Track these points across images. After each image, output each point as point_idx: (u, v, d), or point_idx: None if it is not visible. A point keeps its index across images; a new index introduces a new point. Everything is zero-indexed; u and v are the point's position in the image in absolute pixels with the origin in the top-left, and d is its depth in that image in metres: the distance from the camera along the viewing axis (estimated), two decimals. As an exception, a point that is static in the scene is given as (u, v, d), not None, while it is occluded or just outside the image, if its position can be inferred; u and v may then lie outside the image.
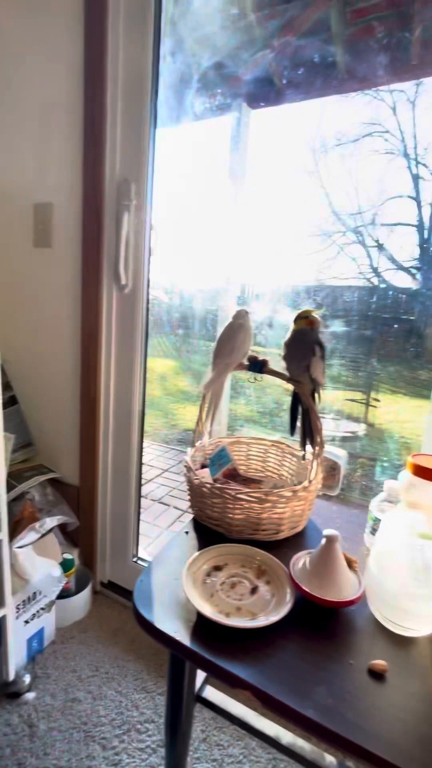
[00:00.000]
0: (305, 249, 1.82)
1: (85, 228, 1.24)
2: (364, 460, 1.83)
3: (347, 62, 1.43)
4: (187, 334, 2.06)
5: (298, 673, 0.52)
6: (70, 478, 1.46)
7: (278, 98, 1.57)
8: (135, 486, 1.38)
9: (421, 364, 1.55)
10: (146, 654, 1.25)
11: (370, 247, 1.72)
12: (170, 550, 0.76)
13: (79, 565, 1.44)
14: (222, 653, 0.54)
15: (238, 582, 0.67)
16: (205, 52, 1.44)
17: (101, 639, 1.30)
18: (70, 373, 1.37)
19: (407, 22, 1.28)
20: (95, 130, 1.16)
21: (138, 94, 1.12)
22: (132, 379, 1.29)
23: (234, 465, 1.01)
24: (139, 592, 0.65)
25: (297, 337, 0.80)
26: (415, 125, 1.55)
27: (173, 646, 0.56)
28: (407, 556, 0.55)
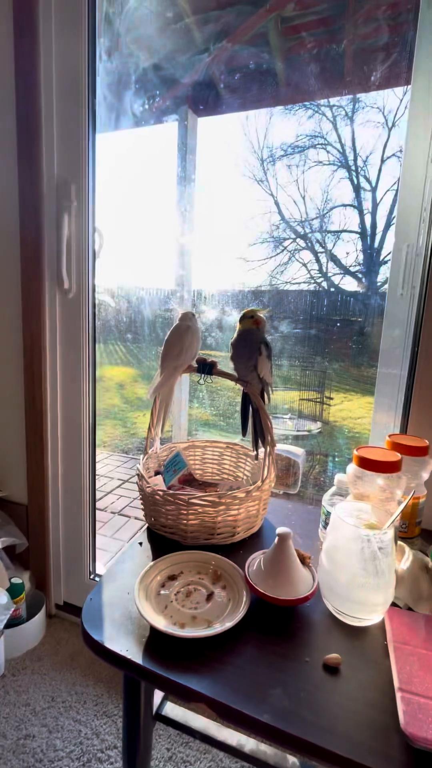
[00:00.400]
0: (257, 254, 1.86)
1: (23, 229, 1.17)
2: (321, 457, 1.88)
3: (286, 74, 1.48)
4: (141, 339, 2.02)
5: (255, 677, 0.51)
6: (17, 496, 1.37)
7: (222, 106, 1.59)
8: (89, 500, 1.32)
9: (366, 361, 1.63)
10: (106, 676, 1.19)
11: (319, 253, 1.79)
12: (123, 563, 0.73)
13: (31, 588, 1.35)
14: (176, 667, 0.52)
15: (193, 590, 0.65)
16: (142, 53, 1.43)
17: (58, 666, 1.22)
18: (12, 383, 1.29)
19: (338, 40, 1.35)
20: (30, 129, 1.11)
21: (74, 93, 1.08)
22: (80, 388, 1.23)
23: (189, 470, 0.99)
24: (89, 611, 0.61)
25: (243, 336, 0.80)
26: (354, 139, 1.64)
27: (124, 666, 0.53)
28: (355, 547, 0.56)
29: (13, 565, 1.34)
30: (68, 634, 1.33)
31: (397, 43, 1.21)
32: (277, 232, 1.85)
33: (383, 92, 1.48)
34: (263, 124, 1.73)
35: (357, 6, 1.25)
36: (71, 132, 1.10)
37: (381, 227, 1.70)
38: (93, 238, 1.17)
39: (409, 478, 0.74)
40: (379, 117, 1.56)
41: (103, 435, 3.29)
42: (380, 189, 1.67)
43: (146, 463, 0.92)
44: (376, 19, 1.23)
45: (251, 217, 1.84)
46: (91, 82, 1.08)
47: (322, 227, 1.78)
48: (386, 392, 0.99)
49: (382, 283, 1.61)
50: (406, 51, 1.16)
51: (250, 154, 1.78)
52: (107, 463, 2.83)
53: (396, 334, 0.96)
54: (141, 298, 1.87)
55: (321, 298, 1.76)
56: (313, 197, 1.75)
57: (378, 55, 1.26)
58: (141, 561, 0.74)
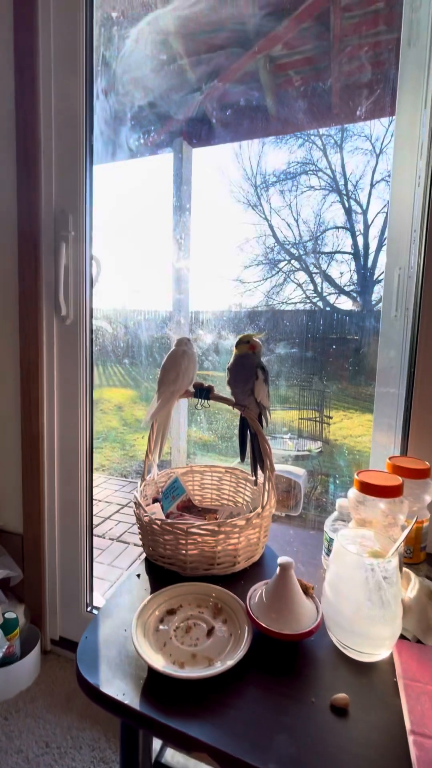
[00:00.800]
0: (253, 276, 1.89)
1: (21, 259, 1.19)
2: (323, 477, 1.86)
3: (276, 108, 1.55)
4: (139, 363, 2.02)
5: (259, 721, 0.48)
6: (12, 525, 1.34)
7: (216, 138, 1.66)
8: (86, 528, 1.28)
9: (363, 380, 1.63)
10: (104, 718, 1.13)
11: (314, 273, 1.82)
12: (119, 597, 0.70)
13: (25, 623, 1.29)
14: (176, 712, 0.49)
15: (193, 625, 0.62)
16: (137, 92, 1.50)
17: (53, 707, 1.16)
18: (9, 409, 1.28)
19: (325, 77, 1.42)
20: (28, 163, 1.14)
21: (72, 129, 1.12)
22: (77, 413, 1.22)
23: (188, 496, 0.98)
24: (84, 651, 0.59)
25: (239, 361, 0.80)
26: (344, 165, 1.70)
27: (120, 712, 0.50)
28: (359, 577, 0.54)
29: (7, 599, 1.29)
30: (64, 672, 1.27)
31: (380, 79, 1.27)
32: (272, 254, 1.89)
33: (370, 122, 1.54)
34: (256, 152, 1.80)
35: (341, 46, 1.32)
36: (69, 165, 1.14)
37: (373, 248, 1.74)
38: (90, 265, 1.19)
39: (411, 502, 0.73)
40: (367, 145, 1.62)
41: (102, 458, 3.25)
42: (371, 211, 1.72)
43: (144, 490, 0.90)
44: (359, 57, 1.30)
45: (246, 241, 1.89)
46: (88, 119, 1.13)
47: (316, 249, 1.82)
48: (385, 412, 0.98)
49: (377, 302, 1.64)
50: (389, 85, 1.22)
51: (244, 180, 1.84)
52: (105, 488, 2.79)
53: (392, 354, 0.96)
54: (138, 322, 1.88)
55: (317, 318, 1.78)
56: (306, 220, 1.80)
57: (363, 90, 1.32)
58: (139, 594, 0.71)
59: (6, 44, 1.13)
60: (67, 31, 1.09)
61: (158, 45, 1.39)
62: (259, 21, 1.29)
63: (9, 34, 1.12)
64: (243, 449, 0.87)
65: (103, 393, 3.15)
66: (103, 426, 3.40)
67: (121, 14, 1.32)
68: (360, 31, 1.26)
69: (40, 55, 1.11)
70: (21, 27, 1.11)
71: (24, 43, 1.11)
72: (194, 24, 1.31)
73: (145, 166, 1.80)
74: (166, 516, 0.90)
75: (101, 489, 2.75)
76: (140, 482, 0.90)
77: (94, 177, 1.16)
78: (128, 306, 1.93)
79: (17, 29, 1.11)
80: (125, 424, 3.59)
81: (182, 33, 1.35)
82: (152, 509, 0.87)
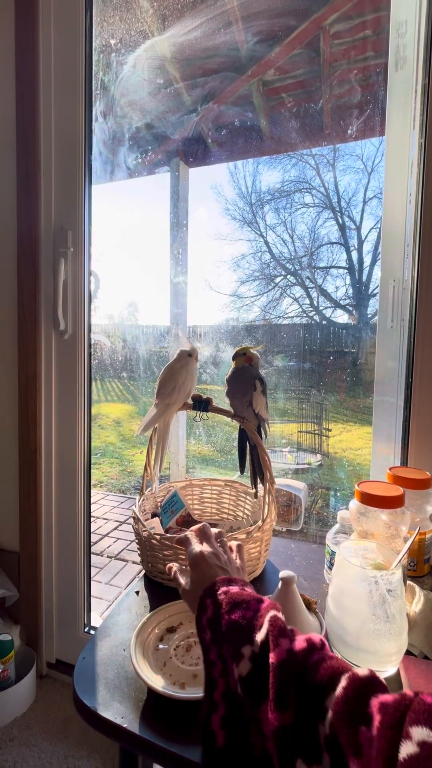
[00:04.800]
0: (249, 291, 1.92)
1: (20, 274, 1.21)
2: (323, 491, 1.84)
3: (270, 129, 1.60)
4: (137, 377, 2.03)
5: (263, 744, 0.46)
6: (8, 543, 1.31)
7: (211, 158, 1.71)
8: (84, 546, 1.26)
9: (361, 392, 1.63)
10: (102, 745, 1.08)
11: (310, 288, 1.85)
12: (117, 615, 0.69)
13: (21, 645, 1.26)
14: (177, 737, 0.47)
15: (194, 643, 0.61)
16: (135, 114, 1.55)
17: (48, 735, 1.11)
18: (6, 424, 1.27)
19: (316, 99, 1.48)
20: (29, 182, 1.17)
21: (71, 149, 1.15)
22: (75, 428, 1.22)
23: (187, 510, 0.96)
24: (81, 672, 0.57)
25: (237, 373, 0.80)
26: (337, 183, 1.75)
27: (119, 737, 0.48)
28: (363, 590, 0.53)
29: (2, 620, 1.25)
30: (61, 697, 1.23)
31: (369, 100, 1.32)
32: (268, 269, 1.92)
33: (361, 142, 1.59)
34: (251, 171, 1.85)
35: (331, 70, 1.38)
36: (68, 184, 1.17)
37: (368, 262, 1.77)
38: (89, 281, 1.20)
39: (413, 513, 0.72)
40: (359, 164, 1.67)
41: (100, 474, 3.22)
42: (364, 227, 1.76)
43: (142, 504, 0.89)
44: (349, 81, 1.35)
45: (243, 256, 1.92)
46: (87, 140, 1.16)
47: (311, 264, 1.85)
48: (384, 423, 0.98)
49: (373, 315, 1.66)
50: (378, 107, 1.26)
51: (239, 198, 1.88)
52: (103, 504, 2.75)
53: (389, 365, 0.97)
54: (136, 336, 1.90)
55: (313, 332, 1.79)
56: (301, 236, 1.84)
57: (353, 111, 1.37)
58: (138, 612, 0.69)
59: (8, 69, 1.17)
60: (67, 57, 1.13)
61: (155, 70, 1.45)
62: (253, 47, 1.35)
63: (11, 59, 1.17)
64: (242, 461, 0.87)
65: (101, 408, 3.14)
66: (101, 441, 3.38)
67: (119, 41, 1.37)
68: (349, 56, 1.32)
69: (40, 79, 1.15)
70: (23, 53, 1.15)
71: (25, 68, 1.15)
72: (190, 50, 1.36)
73: (143, 185, 1.85)
74: (165, 531, 0.88)
75: (99, 506, 2.71)
76: (139, 497, 0.89)
77: (93, 195, 1.19)
78: (126, 320, 1.95)
79: (19, 55, 1.15)
80: (123, 440, 3.57)
81: (178, 58, 1.40)
82: (151, 524, 0.86)
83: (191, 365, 0.83)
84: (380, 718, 0.31)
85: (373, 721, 0.31)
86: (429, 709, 0.30)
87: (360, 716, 0.32)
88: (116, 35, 1.35)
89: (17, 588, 1.28)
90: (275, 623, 0.41)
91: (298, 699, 0.36)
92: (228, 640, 0.42)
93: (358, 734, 0.31)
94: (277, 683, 0.37)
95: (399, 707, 0.31)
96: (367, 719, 0.32)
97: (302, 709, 0.35)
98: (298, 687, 0.36)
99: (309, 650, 0.39)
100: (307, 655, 0.38)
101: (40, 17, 1.13)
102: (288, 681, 0.37)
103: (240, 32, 1.31)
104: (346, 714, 0.33)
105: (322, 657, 0.38)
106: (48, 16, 1.13)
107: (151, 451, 0.86)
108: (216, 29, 1.30)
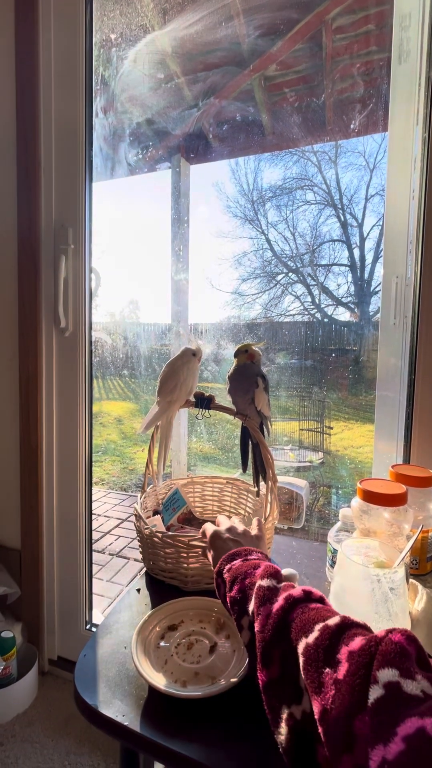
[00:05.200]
0: (251, 288, 1.91)
1: (21, 271, 1.20)
2: (325, 489, 1.84)
3: (272, 125, 1.59)
4: (138, 375, 2.03)
5: (265, 742, 0.46)
6: (9, 540, 1.31)
7: (213, 154, 1.70)
8: (85, 543, 1.26)
9: (363, 389, 1.63)
10: (104, 742, 1.08)
11: (311, 286, 1.84)
12: (119, 613, 0.68)
13: (23, 642, 1.26)
14: (178, 734, 0.47)
15: (195, 641, 0.61)
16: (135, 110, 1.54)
17: (50, 731, 1.11)
18: (7, 421, 1.27)
19: (318, 94, 1.46)
20: (29, 179, 1.16)
21: (72, 146, 1.14)
22: (77, 426, 1.21)
23: (189, 508, 0.96)
24: (81, 670, 0.57)
25: (239, 370, 0.80)
26: (338, 180, 1.73)
27: (120, 734, 0.48)
28: (365, 588, 0.53)
29: (4, 617, 1.25)
30: (62, 694, 1.23)
31: (372, 95, 1.30)
32: (269, 267, 1.91)
33: (363, 138, 1.58)
34: (252, 168, 1.83)
35: (333, 65, 1.36)
36: (69, 180, 1.16)
37: (370, 259, 1.76)
38: (89, 278, 1.19)
39: (416, 511, 0.72)
40: (361, 160, 1.66)
41: (101, 472, 3.22)
42: (366, 224, 1.75)
43: (144, 501, 0.89)
44: (351, 75, 1.34)
45: (244, 254, 1.91)
46: (87, 136, 1.15)
47: (313, 261, 1.84)
48: (386, 420, 0.97)
49: (375, 313, 1.65)
50: (381, 101, 1.25)
51: (240, 196, 1.87)
52: (105, 501, 2.75)
53: (392, 362, 0.96)
54: (137, 333, 1.89)
55: (315, 329, 1.79)
56: (302, 234, 1.83)
57: (356, 106, 1.35)
58: (139, 609, 0.69)
59: (8, 65, 1.16)
60: (66, 52, 1.12)
61: (156, 65, 1.44)
62: (254, 41, 1.33)
63: (11, 55, 1.16)
64: (245, 459, 0.86)
65: (102, 406, 3.14)
66: (102, 439, 3.38)
67: (119, 36, 1.36)
68: (352, 51, 1.31)
69: (41, 75, 1.14)
70: (22, 49, 1.14)
71: (25, 63, 1.14)
72: (191, 44, 1.35)
73: (144, 182, 1.84)
74: (166, 528, 0.88)
75: (100, 503, 2.72)
76: (140, 494, 0.89)
77: (93, 192, 1.18)
78: (127, 318, 1.94)
79: (19, 51, 1.15)
80: (125, 438, 3.57)
81: (179, 53, 1.39)
82: (153, 521, 0.86)
83: (193, 363, 0.83)
84: (347, 666, 0.32)
85: (339, 668, 0.32)
86: (396, 648, 0.31)
87: (326, 662, 0.33)
88: (116, 29, 1.34)
89: (19, 585, 1.28)
90: (258, 593, 0.44)
91: (282, 654, 0.38)
92: (233, 614, 0.47)
93: (322, 675, 0.33)
94: (261, 646, 0.40)
95: (366, 653, 0.32)
96: (333, 664, 0.33)
97: (285, 662, 0.38)
98: (280, 644, 0.39)
99: (290, 607, 0.41)
100: (288, 612, 0.40)
101: (40, 11, 1.12)
102: (269, 642, 0.39)
103: (241, 26, 1.30)
104: (315, 660, 0.34)
105: (302, 610, 0.40)
106: (48, 10, 1.12)
107: (153, 449, 0.86)
108: (217, 23, 1.29)
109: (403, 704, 0.27)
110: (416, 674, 0.29)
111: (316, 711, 0.32)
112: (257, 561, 0.50)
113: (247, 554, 0.52)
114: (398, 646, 0.31)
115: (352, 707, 0.29)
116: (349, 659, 0.32)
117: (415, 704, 0.27)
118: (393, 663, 0.30)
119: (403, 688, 0.28)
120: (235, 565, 0.50)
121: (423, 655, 0.32)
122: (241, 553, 0.52)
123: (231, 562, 0.51)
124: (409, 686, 0.28)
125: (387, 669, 0.29)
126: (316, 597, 0.42)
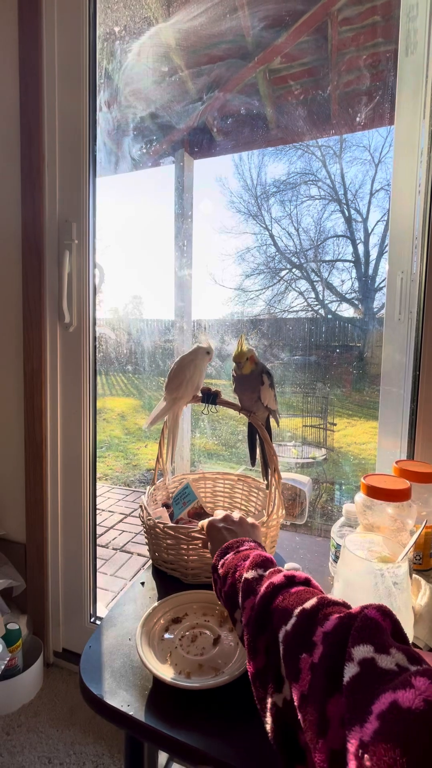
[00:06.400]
0: (254, 284, 1.90)
1: (25, 267, 1.20)
2: (328, 485, 1.84)
3: (276, 118, 1.57)
4: (141, 371, 2.03)
5: (266, 731, 0.47)
6: (15, 534, 1.32)
7: (217, 149, 1.68)
8: (89, 537, 1.27)
9: (367, 386, 1.62)
10: (108, 732, 1.10)
11: (315, 282, 1.83)
12: (123, 606, 0.69)
13: (28, 634, 1.27)
14: (182, 724, 0.48)
15: (199, 634, 0.61)
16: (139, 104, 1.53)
17: (55, 721, 1.13)
18: (12, 417, 1.28)
19: (324, 87, 1.45)
20: (33, 174, 1.16)
21: (76, 141, 1.14)
22: (81, 421, 1.22)
23: (200, 503, 0.97)
24: (87, 661, 0.57)
25: (245, 375, 0.79)
26: (343, 175, 1.72)
27: (125, 723, 0.49)
28: (368, 583, 0.53)
29: (10, 609, 1.27)
30: (67, 685, 1.25)
31: (378, 87, 1.29)
32: (273, 263, 1.90)
33: (368, 132, 1.56)
34: (256, 163, 1.82)
35: (339, 57, 1.35)
36: (73, 176, 1.16)
37: (374, 255, 1.75)
38: (93, 273, 1.20)
39: (419, 507, 0.72)
40: (366, 155, 1.64)
41: (105, 468, 3.24)
42: (371, 220, 1.73)
43: (153, 494, 0.89)
44: (357, 67, 1.32)
45: (248, 250, 1.90)
46: (91, 131, 1.15)
47: (317, 257, 1.83)
48: (390, 416, 0.97)
49: (379, 309, 1.64)
50: (387, 94, 1.23)
51: (244, 191, 1.86)
52: (108, 497, 2.77)
53: (397, 358, 0.96)
54: (141, 329, 1.89)
55: (319, 325, 1.78)
56: (306, 229, 1.81)
57: (362, 99, 1.34)
58: (144, 602, 0.70)
59: (11, 59, 1.16)
60: (70, 46, 1.11)
61: (160, 58, 1.42)
62: (259, 33, 1.32)
63: (14, 49, 1.15)
64: (253, 454, 0.87)
65: (106, 402, 3.15)
66: (105, 435, 3.39)
67: (123, 29, 1.35)
68: (358, 42, 1.29)
69: (44, 69, 1.13)
70: (26, 43, 1.13)
71: (28, 58, 1.13)
72: (195, 37, 1.34)
73: (147, 176, 1.83)
74: (175, 522, 0.88)
75: (104, 498, 2.73)
76: (149, 486, 0.89)
77: (97, 187, 1.18)
78: (131, 314, 1.94)
79: (22, 45, 1.14)
80: (128, 433, 3.58)
81: (183, 46, 1.38)
82: (158, 513, 0.86)
83: (203, 361, 0.82)
84: (322, 649, 0.32)
85: (315, 651, 0.32)
86: (371, 624, 0.30)
87: (302, 646, 0.33)
88: (120, 22, 1.33)
89: (24, 578, 1.29)
90: (244, 587, 0.44)
91: (266, 645, 0.38)
92: (228, 609, 0.47)
93: (299, 662, 0.32)
94: (247, 638, 0.40)
95: (340, 631, 0.31)
96: (309, 648, 0.33)
97: (269, 652, 0.38)
98: (263, 634, 0.39)
99: (271, 595, 0.41)
100: (269, 601, 0.40)
101: (44, 4, 1.11)
102: (254, 632, 0.39)
103: (246, 18, 1.29)
104: (293, 648, 0.34)
105: (284, 597, 0.40)
106: (51, 2, 1.11)
107: (163, 444, 0.86)
108: (221, 15, 1.28)
109: (378, 680, 0.26)
110: (390, 648, 0.28)
111: (296, 698, 0.32)
112: (248, 551, 0.50)
113: (239, 546, 0.52)
114: (373, 621, 0.30)
115: (326, 690, 0.29)
116: (324, 641, 0.32)
117: (389, 678, 0.26)
118: (368, 639, 0.29)
119: (378, 663, 0.27)
120: (227, 559, 0.50)
121: (399, 629, 0.31)
122: (233, 546, 0.52)
123: (224, 556, 0.51)
124: (383, 661, 0.27)
125: (361, 645, 0.29)
126: (299, 580, 0.42)
